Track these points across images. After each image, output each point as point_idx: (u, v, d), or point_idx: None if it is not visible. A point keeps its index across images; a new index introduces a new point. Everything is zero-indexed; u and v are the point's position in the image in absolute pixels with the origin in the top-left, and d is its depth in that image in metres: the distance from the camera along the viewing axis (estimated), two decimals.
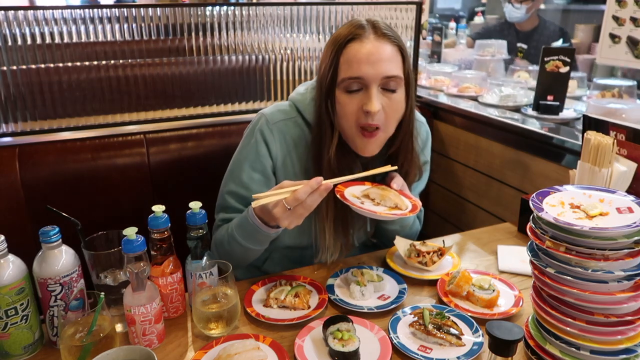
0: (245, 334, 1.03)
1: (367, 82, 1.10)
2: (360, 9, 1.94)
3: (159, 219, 1.03)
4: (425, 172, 1.41)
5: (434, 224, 2.31)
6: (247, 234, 1.14)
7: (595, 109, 1.71)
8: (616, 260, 0.82)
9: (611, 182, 1.21)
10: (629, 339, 0.85)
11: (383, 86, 1.11)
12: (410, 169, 1.27)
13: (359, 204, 1.10)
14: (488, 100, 2.12)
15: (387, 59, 1.10)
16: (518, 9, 3.14)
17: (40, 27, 1.52)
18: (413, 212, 1.11)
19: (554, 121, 1.83)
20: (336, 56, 1.11)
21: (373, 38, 1.10)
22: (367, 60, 1.08)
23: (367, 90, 1.10)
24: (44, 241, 0.95)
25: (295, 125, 1.24)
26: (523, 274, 1.27)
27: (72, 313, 0.92)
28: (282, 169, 1.24)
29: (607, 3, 1.69)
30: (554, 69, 1.84)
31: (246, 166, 1.23)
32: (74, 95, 1.60)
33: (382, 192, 1.14)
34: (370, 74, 1.08)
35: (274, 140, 1.22)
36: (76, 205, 1.50)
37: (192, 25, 1.70)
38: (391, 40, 1.12)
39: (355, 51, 1.09)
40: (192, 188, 1.48)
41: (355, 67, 1.09)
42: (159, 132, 1.66)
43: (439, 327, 1.01)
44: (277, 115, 1.24)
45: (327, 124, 1.17)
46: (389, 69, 1.10)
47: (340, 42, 1.11)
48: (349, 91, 1.12)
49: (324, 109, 1.16)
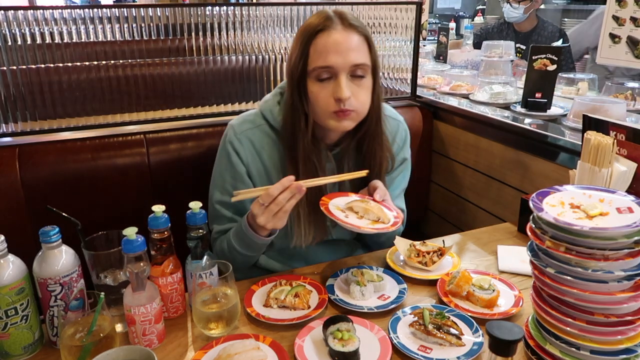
0: (245, 334, 1.03)
1: (336, 70, 1.15)
2: (360, 9, 1.94)
3: (159, 219, 1.03)
4: (406, 170, 1.47)
5: (434, 224, 2.31)
6: (245, 243, 1.22)
7: (580, 106, 1.75)
8: (616, 260, 0.82)
9: (611, 182, 1.21)
10: (629, 339, 0.85)
11: (352, 73, 1.17)
12: (382, 156, 1.30)
13: (343, 217, 1.13)
14: (479, 98, 2.17)
15: (355, 48, 1.15)
16: (516, 9, 3.15)
17: (40, 27, 1.51)
18: (394, 225, 1.13)
19: (542, 118, 1.88)
20: (306, 46, 1.16)
21: (341, 28, 1.15)
22: (336, 50, 1.13)
23: (337, 78, 1.15)
24: (44, 241, 0.95)
25: (262, 132, 1.30)
26: (523, 274, 1.27)
27: (72, 313, 0.92)
28: (256, 175, 1.30)
29: (607, 3, 1.69)
30: (542, 67, 1.89)
31: (227, 175, 1.30)
32: (74, 95, 1.60)
33: (365, 206, 1.16)
34: (339, 63, 1.14)
35: (243, 148, 1.28)
36: (76, 205, 1.50)
37: (192, 25, 1.70)
38: (358, 30, 1.17)
39: (324, 41, 1.14)
40: (192, 188, 1.48)
41: (324, 57, 1.14)
42: (159, 132, 1.66)
43: (439, 327, 1.01)
44: (243, 125, 1.30)
45: (301, 112, 1.21)
46: (357, 57, 1.15)
47: (310, 32, 1.16)
48: (320, 80, 1.17)
49: (296, 97, 1.20)
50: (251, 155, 1.29)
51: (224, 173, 1.30)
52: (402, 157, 1.44)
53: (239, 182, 1.29)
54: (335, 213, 1.14)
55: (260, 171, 1.30)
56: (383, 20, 1.99)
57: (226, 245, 1.27)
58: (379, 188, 1.23)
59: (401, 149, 1.43)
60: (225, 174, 1.30)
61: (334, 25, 1.15)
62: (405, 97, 2.18)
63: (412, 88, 2.16)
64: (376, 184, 1.24)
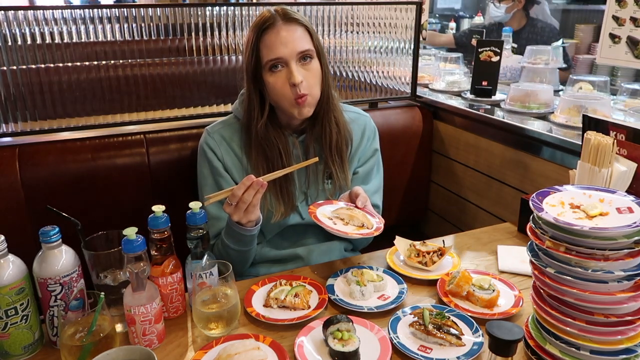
0: (245, 334, 1.03)
1: (286, 59, 1.27)
2: (361, 9, 1.94)
3: (159, 219, 1.03)
4: (378, 163, 1.55)
5: (434, 224, 2.31)
6: (235, 239, 1.28)
7: (514, 91, 2.00)
8: (616, 260, 0.82)
9: (611, 182, 1.21)
10: (629, 339, 0.85)
11: (300, 60, 1.29)
12: (338, 135, 1.40)
13: (331, 224, 1.22)
14: (437, 87, 2.41)
15: (298, 38, 1.28)
16: (498, 9, 3.17)
17: (40, 27, 1.51)
18: (377, 230, 1.23)
19: (488, 102, 2.13)
20: (256, 43, 1.29)
21: (282, 23, 1.28)
22: (282, 42, 1.27)
23: (288, 66, 1.28)
24: (44, 241, 0.95)
25: (233, 128, 1.41)
26: (523, 274, 1.27)
27: (72, 313, 0.92)
28: (231, 166, 1.39)
29: (607, 3, 1.69)
30: (487, 59, 2.12)
31: (207, 174, 1.40)
32: (74, 95, 1.60)
33: (350, 213, 1.25)
34: (286, 53, 1.27)
35: (216, 144, 1.39)
36: (76, 205, 1.50)
37: (192, 25, 1.70)
38: (298, 22, 1.30)
39: (271, 37, 1.27)
40: (192, 188, 1.48)
41: (273, 50, 1.27)
42: (159, 132, 1.66)
43: (439, 327, 1.01)
44: (216, 125, 1.43)
45: (256, 102, 1.33)
46: (301, 45, 1.28)
47: (257, 31, 1.29)
48: (273, 70, 1.29)
49: (251, 88, 1.33)
50: (224, 149, 1.39)
51: (204, 171, 1.40)
52: (374, 148, 1.53)
53: (217, 175, 1.38)
54: (323, 220, 1.22)
55: (234, 162, 1.39)
56: (383, 20, 2.00)
57: (221, 246, 1.33)
58: (360, 195, 1.31)
59: (372, 140, 1.52)
60: (206, 173, 1.40)
61: (276, 22, 1.28)
62: (405, 97, 2.18)
63: (412, 88, 2.17)
64: (357, 191, 1.32)
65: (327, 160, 1.40)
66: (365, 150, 1.49)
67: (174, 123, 1.73)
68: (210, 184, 1.38)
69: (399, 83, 2.14)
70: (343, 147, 1.41)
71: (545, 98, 1.96)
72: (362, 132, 1.49)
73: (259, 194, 1.18)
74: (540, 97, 1.95)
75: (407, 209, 2.18)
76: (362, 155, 1.49)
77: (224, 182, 1.37)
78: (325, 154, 1.40)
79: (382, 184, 1.56)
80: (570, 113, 1.76)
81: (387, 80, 2.12)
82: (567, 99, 1.82)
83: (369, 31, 1.99)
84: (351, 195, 1.33)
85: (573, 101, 1.78)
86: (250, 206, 1.19)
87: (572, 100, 1.79)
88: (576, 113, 1.73)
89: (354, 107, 1.56)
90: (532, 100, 1.96)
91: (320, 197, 1.42)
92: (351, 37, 1.96)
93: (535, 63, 2.32)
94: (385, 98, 2.17)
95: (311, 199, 1.42)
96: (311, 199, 1.42)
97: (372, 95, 2.11)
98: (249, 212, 1.20)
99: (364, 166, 1.50)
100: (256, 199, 1.18)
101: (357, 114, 1.52)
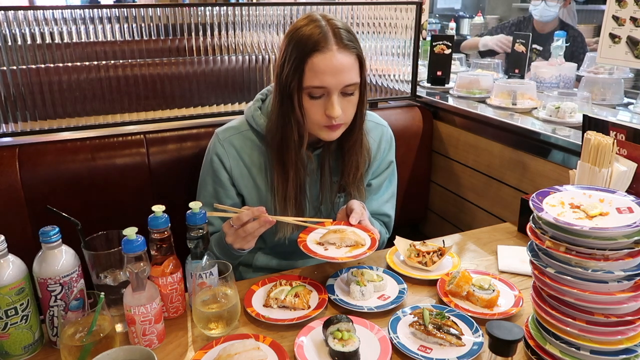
0: (245, 334, 1.03)
1: (329, 90, 1.19)
2: (361, 9, 1.94)
3: (159, 219, 1.03)
4: (392, 174, 1.52)
5: (434, 224, 2.31)
6: (224, 252, 1.27)
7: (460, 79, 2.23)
8: (616, 260, 0.82)
9: (611, 182, 1.22)
10: (629, 339, 0.85)
11: (343, 92, 1.21)
12: (360, 159, 1.35)
13: (322, 251, 1.17)
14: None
15: (348, 69, 1.19)
16: (552, 7, 2.96)
17: (40, 27, 1.51)
18: (371, 249, 1.17)
19: (442, 90, 2.36)
20: (301, 63, 1.18)
21: (336, 50, 1.17)
22: (331, 72, 1.17)
23: (329, 96, 1.20)
24: (44, 241, 0.95)
25: (245, 137, 1.35)
26: (523, 274, 1.27)
27: (72, 313, 0.92)
28: (239, 177, 1.35)
29: (607, 3, 1.69)
30: (440, 51, 2.35)
31: (210, 180, 1.37)
32: (74, 95, 1.60)
33: (340, 235, 1.19)
34: (332, 84, 1.18)
35: (226, 153, 1.33)
36: (76, 206, 1.50)
37: (192, 25, 1.70)
38: (351, 50, 1.20)
39: (320, 62, 1.17)
40: (192, 188, 1.48)
41: (320, 78, 1.17)
42: (158, 132, 1.66)
43: (439, 327, 1.01)
44: (228, 131, 1.36)
45: (293, 122, 1.24)
46: (350, 78, 1.19)
47: (305, 50, 1.17)
48: (313, 97, 1.21)
49: (287, 107, 1.23)
50: (234, 159, 1.34)
51: (207, 178, 1.37)
52: (389, 160, 1.49)
53: (218, 185, 1.35)
54: (313, 249, 1.17)
55: (243, 173, 1.35)
56: (383, 20, 2.00)
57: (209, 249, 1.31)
58: (355, 211, 1.25)
59: (387, 152, 1.48)
60: (208, 179, 1.37)
61: (330, 45, 1.17)
62: (405, 97, 2.18)
63: (412, 88, 2.17)
64: (352, 205, 1.27)
65: (342, 175, 1.35)
66: (380, 163, 1.46)
67: (173, 123, 1.73)
68: (210, 191, 1.36)
69: (399, 83, 2.14)
70: (361, 165, 1.36)
71: (486, 85, 2.24)
72: (377, 145, 1.44)
73: (263, 229, 1.15)
74: (482, 84, 2.24)
75: (407, 209, 2.18)
76: (377, 168, 1.46)
77: (223, 194, 1.35)
78: (341, 169, 1.35)
79: (395, 192, 1.53)
80: (502, 96, 2.07)
81: (387, 80, 2.12)
82: (499, 84, 2.12)
83: (369, 31, 1.99)
84: (347, 210, 1.29)
85: (504, 86, 2.09)
86: (250, 236, 1.17)
87: (503, 86, 2.09)
88: (507, 96, 2.05)
89: (374, 113, 1.50)
90: (475, 86, 2.24)
91: (332, 214, 1.37)
92: None
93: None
94: (385, 98, 2.17)
95: (323, 215, 1.38)
96: (323, 215, 1.38)
97: (372, 95, 2.12)
98: (246, 240, 1.18)
99: (378, 178, 1.47)
100: (258, 232, 1.16)
101: (375, 124, 1.46)
